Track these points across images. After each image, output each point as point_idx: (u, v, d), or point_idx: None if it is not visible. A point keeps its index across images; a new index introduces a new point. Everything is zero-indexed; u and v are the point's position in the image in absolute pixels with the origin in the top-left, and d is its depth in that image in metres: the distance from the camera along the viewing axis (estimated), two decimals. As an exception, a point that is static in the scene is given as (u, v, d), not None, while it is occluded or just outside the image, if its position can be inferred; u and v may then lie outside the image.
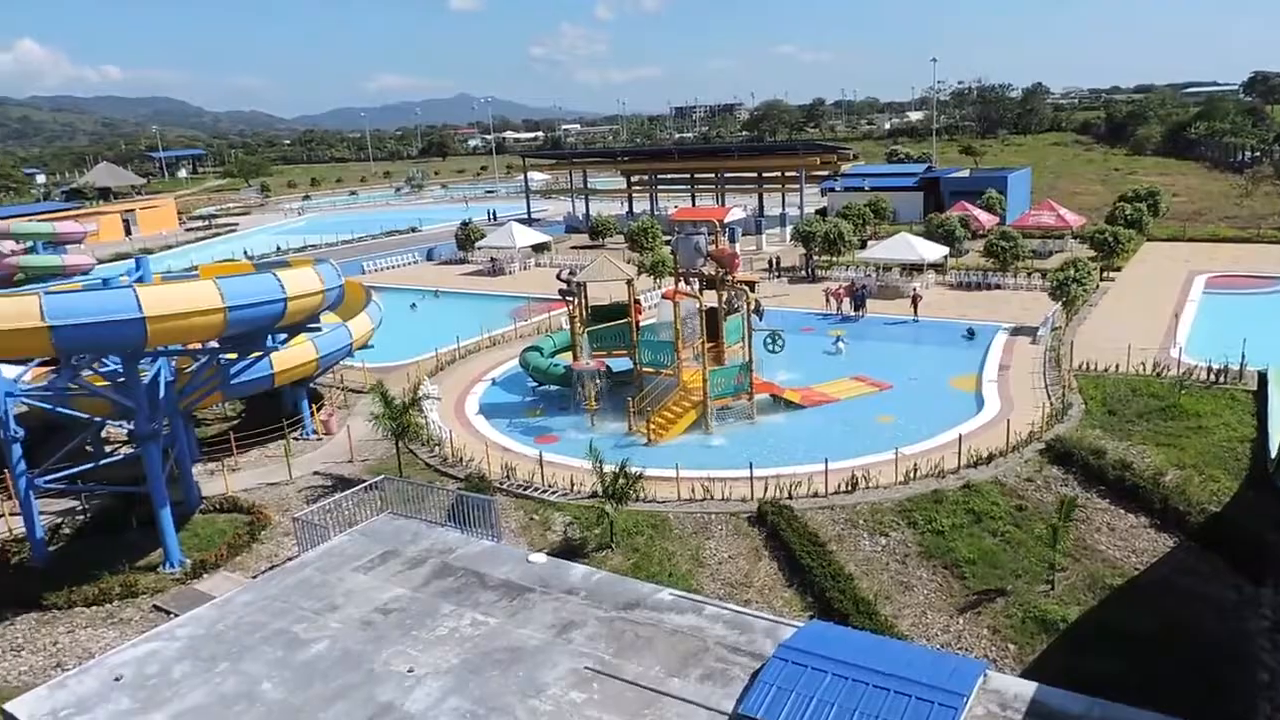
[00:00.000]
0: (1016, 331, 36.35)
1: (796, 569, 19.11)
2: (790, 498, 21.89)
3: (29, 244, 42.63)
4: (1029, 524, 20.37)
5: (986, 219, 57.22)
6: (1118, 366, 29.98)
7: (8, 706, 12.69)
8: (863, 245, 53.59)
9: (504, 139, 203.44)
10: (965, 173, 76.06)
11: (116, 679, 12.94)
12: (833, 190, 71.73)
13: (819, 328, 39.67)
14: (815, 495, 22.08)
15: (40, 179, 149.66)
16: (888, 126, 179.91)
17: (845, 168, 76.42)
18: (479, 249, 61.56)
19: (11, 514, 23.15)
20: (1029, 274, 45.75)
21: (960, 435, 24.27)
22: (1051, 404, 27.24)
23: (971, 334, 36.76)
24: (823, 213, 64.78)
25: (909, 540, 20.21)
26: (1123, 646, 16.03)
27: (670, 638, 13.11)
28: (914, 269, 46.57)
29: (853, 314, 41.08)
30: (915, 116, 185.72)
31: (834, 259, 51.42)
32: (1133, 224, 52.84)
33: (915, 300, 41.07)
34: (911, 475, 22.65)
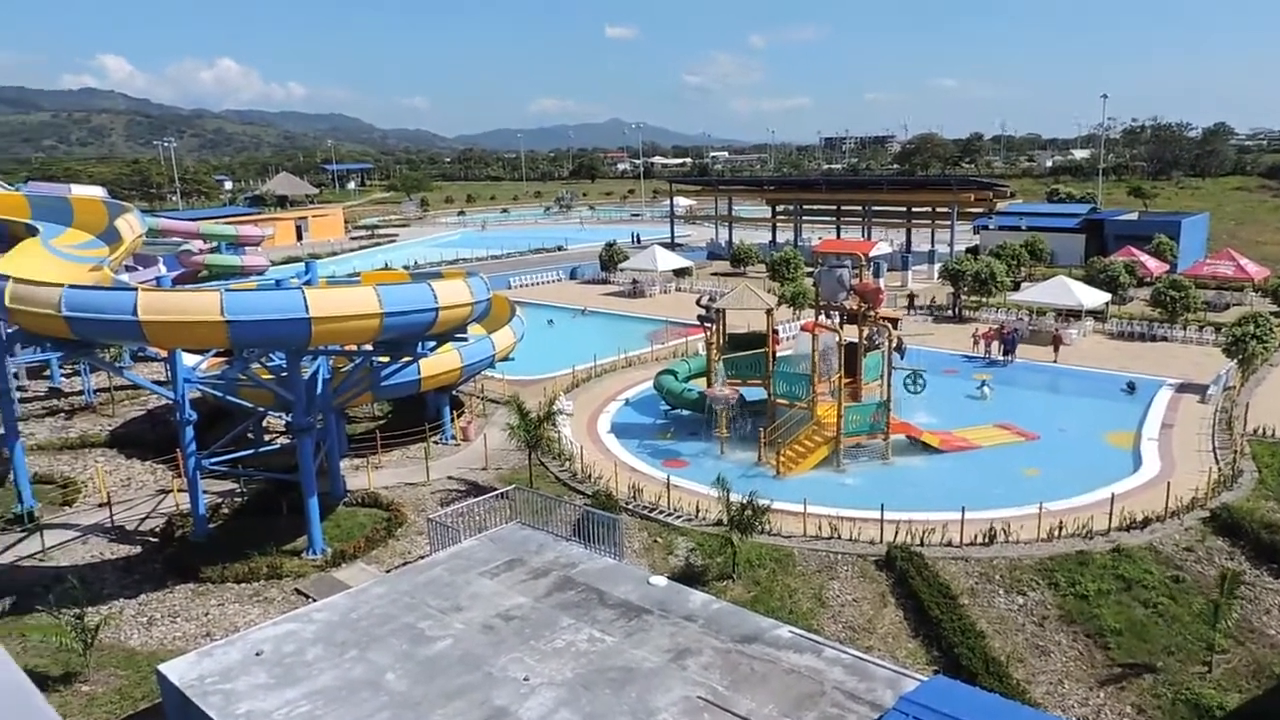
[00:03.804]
0: (1183, 388, 33.90)
1: (924, 620, 18.36)
2: (922, 544, 21.10)
3: (215, 244, 46.33)
4: (1186, 597, 18.87)
5: (1155, 266, 53.85)
6: (1299, 434, 27.49)
7: (162, 668, 13.69)
8: (1016, 287, 51.41)
9: (652, 164, 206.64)
10: (1133, 216, 71.85)
11: (257, 654, 13.75)
12: (986, 228, 69.21)
13: (963, 370, 38.19)
14: (949, 544, 21.20)
15: (228, 185, 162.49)
16: (1049, 164, 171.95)
17: (1001, 205, 73.58)
18: (621, 270, 62.62)
19: (180, 490, 25.06)
20: (1201, 327, 42.69)
21: (1113, 495, 22.81)
22: (1220, 469, 25.22)
23: (1132, 388, 34.54)
24: (974, 251, 62.58)
25: (1048, 602, 19.09)
26: (1288, 742, 14.60)
27: (786, 676, 12.83)
28: (1071, 315, 44.27)
29: (1001, 358, 39.36)
30: (1080, 155, 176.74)
31: (984, 300, 49.52)
32: (1325, 280, 48.49)
33: (1057, 341, 39.03)
34: (1056, 533, 21.41)
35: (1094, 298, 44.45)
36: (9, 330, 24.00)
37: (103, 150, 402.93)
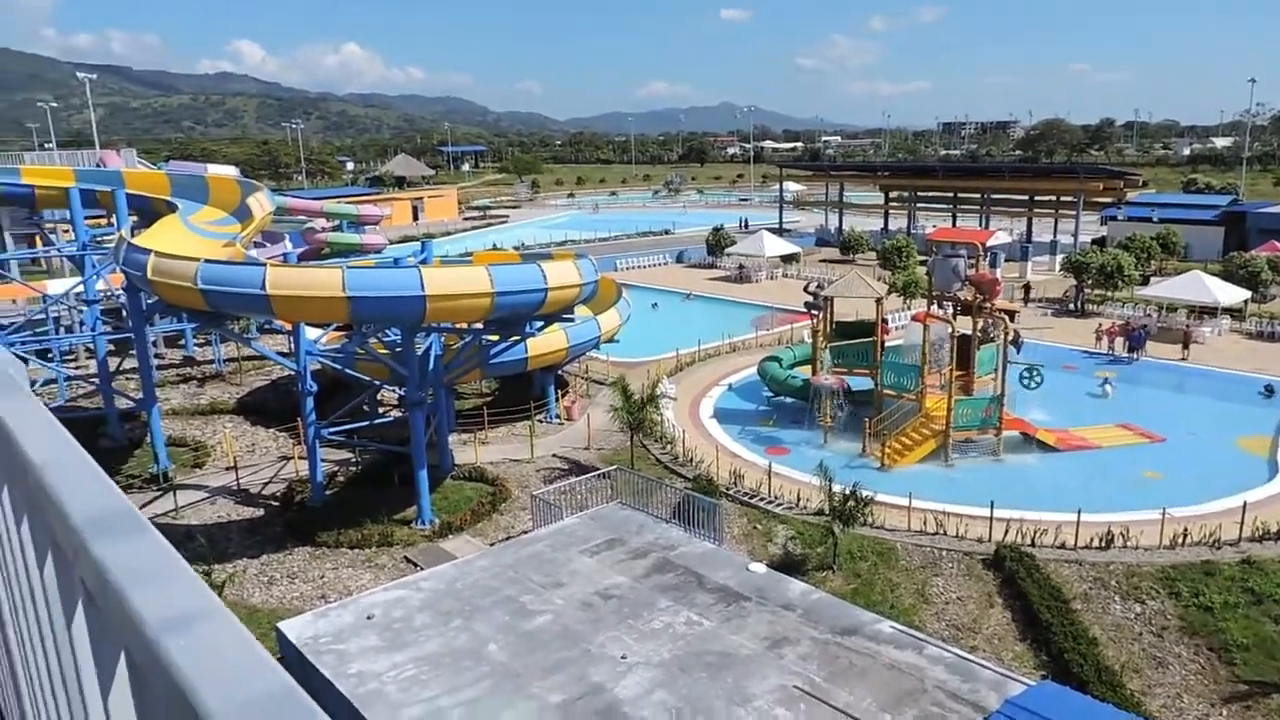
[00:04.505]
0: (1329, 394, 31.56)
1: (1032, 623, 17.74)
2: (1033, 545, 20.34)
3: (337, 223, 48.24)
4: (1324, 616, 17.65)
5: (1303, 262, 50.14)
6: None
7: (281, 625, 14.47)
8: (1145, 281, 48.79)
9: (762, 148, 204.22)
10: (1280, 208, 67.09)
11: (368, 617, 14.36)
12: (1114, 219, 65.84)
13: (1084, 367, 36.51)
14: (1062, 546, 20.37)
15: (349, 166, 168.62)
16: (1187, 152, 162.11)
17: (1131, 195, 69.76)
18: (728, 255, 62.27)
19: (300, 458, 26.32)
20: (1352, 329, 39.61)
21: (1245, 503, 21.45)
22: (1368, 482, 23.44)
23: (1271, 391, 32.35)
24: (1100, 242, 59.70)
25: (1169, 611, 18.16)
26: None
27: (886, 672, 12.62)
28: (1205, 312, 41.73)
29: (1126, 355, 37.47)
30: (1222, 143, 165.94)
31: (1109, 294, 47.16)
32: None
33: (1187, 339, 36.87)
34: (1179, 540, 20.31)
35: (1232, 294, 41.78)
36: (149, 301, 25.61)
37: (235, 131, 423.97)
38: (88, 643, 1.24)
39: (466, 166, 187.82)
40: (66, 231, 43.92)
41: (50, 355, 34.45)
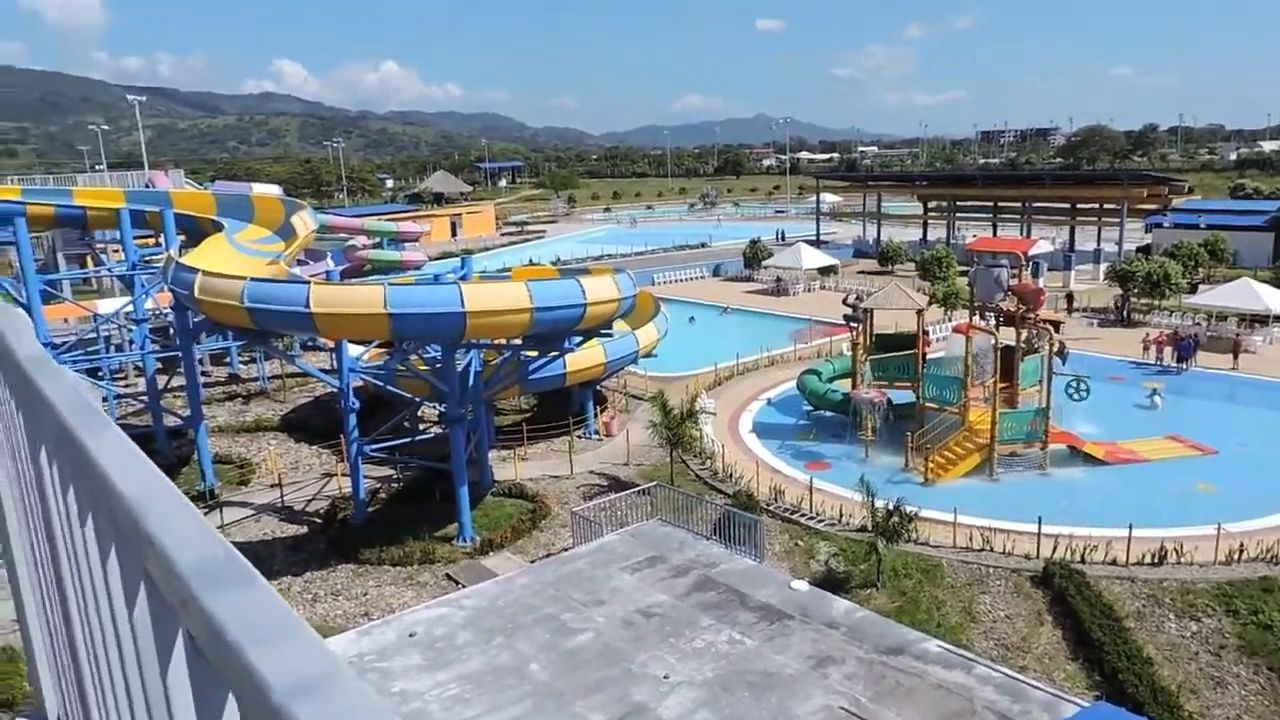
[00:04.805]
0: (1390, 404, 30.60)
1: (1084, 641, 17.33)
2: (1083, 561, 19.89)
3: (377, 240, 48.88)
4: (1391, 636, 17.03)
5: (1359, 268, 48.79)
6: None
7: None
8: (1193, 289, 47.75)
9: (798, 159, 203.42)
10: (1334, 213, 65.28)
11: (411, 635, 14.42)
12: (1159, 226, 64.58)
13: (1131, 378, 35.78)
14: (1113, 563, 19.90)
15: (389, 183, 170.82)
16: (1234, 157, 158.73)
17: (1177, 202, 68.39)
18: (765, 267, 62.05)
19: (343, 475, 26.58)
20: None
21: (1304, 518, 20.85)
22: None
23: (1328, 401, 31.46)
24: (1146, 250, 58.60)
25: (1226, 630, 17.64)
26: None
27: (934, 692, 12.39)
28: (1256, 320, 40.71)
29: (1174, 365, 36.65)
30: (1270, 146, 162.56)
31: (1156, 303, 46.21)
32: None
33: (1238, 346, 35.97)
34: (1236, 556, 19.76)
35: (1284, 302, 40.73)
36: (196, 319, 26.10)
37: (278, 150, 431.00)
38: (189, 694, 1.20)
39: (504, 182, 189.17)
40: (117, 251, 44.99)
41: (100, 373, 35.25)
